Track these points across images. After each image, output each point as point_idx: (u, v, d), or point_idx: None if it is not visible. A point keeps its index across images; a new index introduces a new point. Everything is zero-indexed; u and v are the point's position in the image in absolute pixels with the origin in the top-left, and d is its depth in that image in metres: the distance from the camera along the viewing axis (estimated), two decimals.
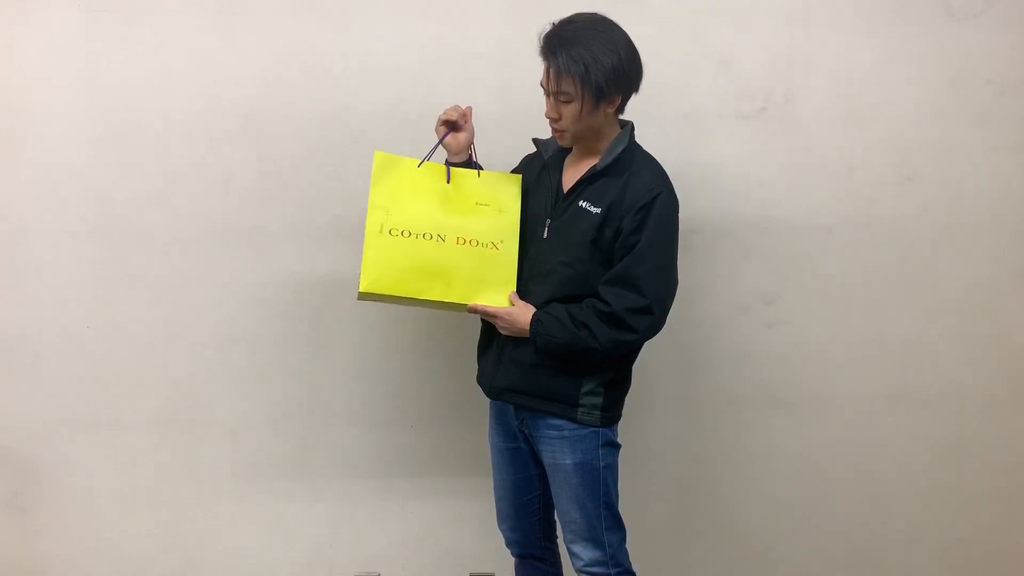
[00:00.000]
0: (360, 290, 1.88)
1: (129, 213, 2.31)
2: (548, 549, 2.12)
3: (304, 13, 2.29)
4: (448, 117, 2.00)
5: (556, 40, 1.80)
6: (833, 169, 2.37)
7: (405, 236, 1.90)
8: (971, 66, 2.36)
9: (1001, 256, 2.41)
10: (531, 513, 2.07)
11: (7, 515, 2.39)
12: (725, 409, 2.44)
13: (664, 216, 1.85)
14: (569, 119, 1.84)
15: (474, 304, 1.89)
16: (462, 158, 2.03)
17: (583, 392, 1.88)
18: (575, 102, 1.81)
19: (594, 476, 1.90)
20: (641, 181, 1.86)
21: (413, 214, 1.92)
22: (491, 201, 1.96)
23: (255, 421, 2.39)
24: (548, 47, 1.81)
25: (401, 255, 1.89)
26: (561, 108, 1.84)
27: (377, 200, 1.93)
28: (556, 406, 1.89)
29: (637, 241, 1.82)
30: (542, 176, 1.99)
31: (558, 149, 1.99)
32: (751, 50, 2.33)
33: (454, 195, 1.96)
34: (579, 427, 1.89)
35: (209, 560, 2.43)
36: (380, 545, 2.45)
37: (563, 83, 1.80)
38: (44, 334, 2.33)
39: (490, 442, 2.09)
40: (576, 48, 1.78)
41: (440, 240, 1.91)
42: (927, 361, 2.43)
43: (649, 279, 1.82)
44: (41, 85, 2.28)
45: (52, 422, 2.36)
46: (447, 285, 1.90)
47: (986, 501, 2.48)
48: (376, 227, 1.90)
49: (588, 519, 1.91)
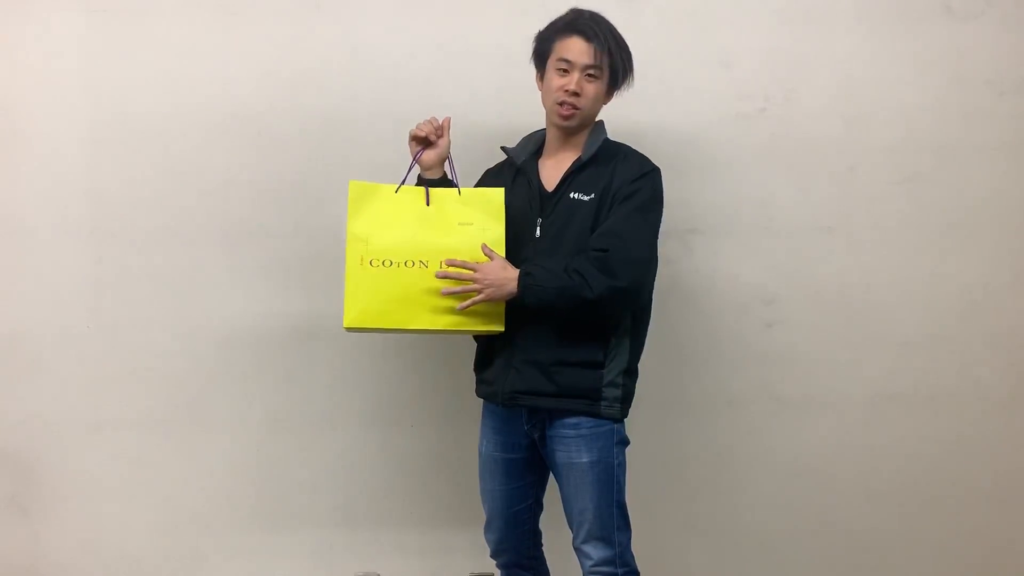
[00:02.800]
0: (344, 325, 1.87)
1: (129, 213, 2.31)
2: (535, 558, 2.11)
3: (304, 13, 2.29)
4: (419, 133, 1.98)
5: (597, 18, 1.90)
6: (833, 169, 2.37)
7: (387, 266, 1.87)
8: (970, 66, 2.36)
9: (1001, 256, 2.41)
10: (521, 523, 2.05)
11: (7, 515, 2.39)
12: (725, 409, 2.43)
13: (655, 190, 1.90)
14: (591, 97, 1.89)
15: (450, 259, 1.86)
16: (436, 174, 2.00)
17: (604, 384, 1.88)
18: (599, 81, 1.88)
19: (609, 474, 1.90)
20: (632, 162, 1.91)
21: (393, 242, 1.89)
22: (473, 219, 1.91)
23: (255, 421, 2.39)
24: (591, 22, 1.89)
25: (384, 286, 1.86)
26: (585, 84, 1.87)
27: (356, 231, 1.89)
28: (578, 403, 1.88)
29: (628, 205, 1.85)
30: (519, 180, 1.98)
31: (530, 153, 2.00)
32: (751, 50, 2.33)
33: (435, 217, 1.91)
34: (597, 425, 1.88)
35: (208, 560, 2.43)
36: (380, 545, 2.44)
37: (602, 57, 1.86)
38: (44, 334, 2.33)
39: (481, 452, 2.05)
40: (614, 32, 1.89)
41: (423, 266, 1.88)
42: (927, 361, 2.43)
43: (636, 235, 1.85)
44: (41, 85, 2.28)
45: (52, 422, 2.36)
46: (434, 313, 1.87)
47: (986, 501, 2.48)
48: (356, 259, 1.87)
49: (601, 518, 1.90)
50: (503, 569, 2.10)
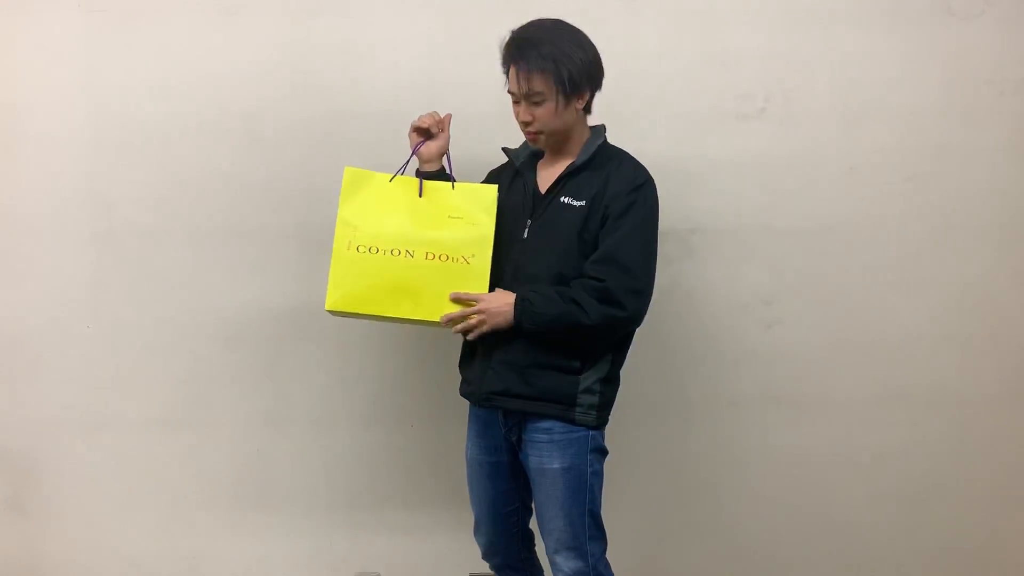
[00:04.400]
0: (326, 307, 1.89)
1: (129, 213, 2.32)
2: (527, 560, 2.11)
3: (303, 13, 2.29)
4: (421, 124, 1.99)
5: (521, 43, 1.83)
6: (833, 169, 2.37)
7: (372, 252, 1.90)
8: (970, 66, 2.36)
9: (1001, 256, 2.41)
10: (510, 525, 2.04)
11: (7, 515, 2.39)
12: (725, 409, 2.43)
13: (649, 204, 1.87)
14: (544, 119, 1.85)
15: (456, 294, 1.86)
16: (435, 167, 2.01)
17: (580, 390, 1.86)
18: (548, 101, 1.83)
19: (581, 481, 1.87)
20: (625, 171, 1.88)
21: (382, 230, 1.91)
22: (464, 214, 1.92)
23: (255, 421, 2.39)
24: (515, 50, 1.83)
25: (368, 272, 1.89)
26: (534, 110, 1.85)
27: (346, 216, 1.92)
28: (552, 407, 1.86)
29: (625, 224, 1.83)
30: (516, 182, 1.98)
31: (529, 155, 2.00)
32: (751, 50, 2.33)
33: (426, 208, 1.93)
34: (570, 431, 1.87)
35: (209, 560, 2.43)
36: (380, 545, 2.45)
37: (534, 82, 1.81)
38: (44, 334, 2.34)
39: (468, 456, 2.05)
40: (543, 46, 1.81)
41: (408, 256, 1.90)
42: (927, 361, 2.43)
43: (639, 262, 1.84)
44: (41, 85, 2.28)
45: (52, 422, 2.36)
46: (415, 302, 1.89)
47: (986, 501, 2.48)
48: (344, 244, 1.90)
49: (572, 527, 1.88)
50: (496, 571, 2.11)
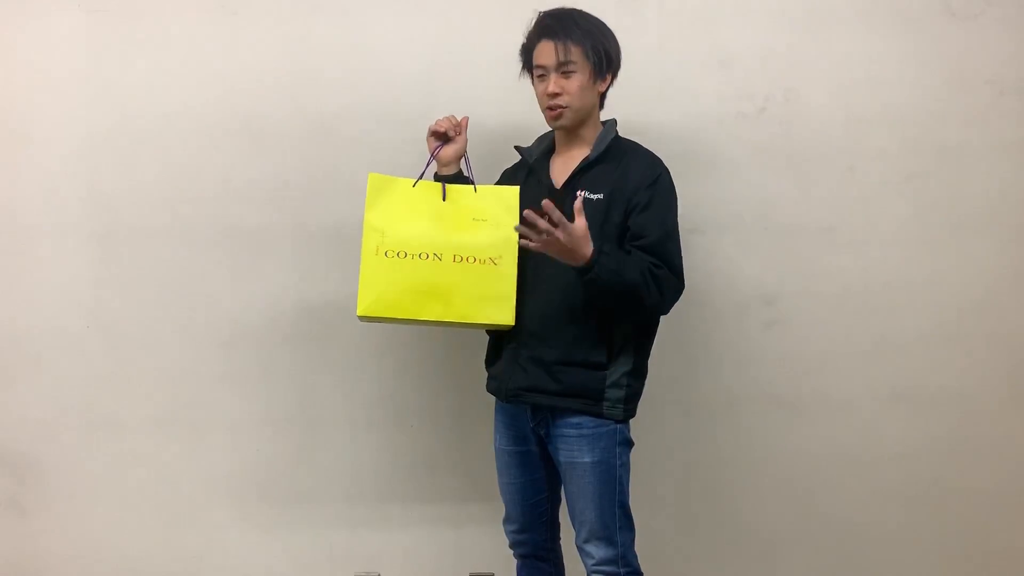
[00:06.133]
0: (358, 313, 1.91)
1: (129, 213, 2.31)
2: (552, 550, 2.12)
3: (304, 13, 2.29)
4: (438, 128, 2.01)
5: (561, 15, 1.91)
6: (833, 169, 2.37)
7: (401, 257, 1.92)
8: (970, 66, 2.36)
9: (1001, 256, 2.41)
10: (539, 515, 2.07)
11: (7, 515, 2.39)
12: (725, 409, 2.43)
13: (672, 193, 1.92)
14: (574, 92, 1.88)
15: (548, 204, 1.69)
16: (452, 170, 2.03)
17: (608, 384, 1.89)
18: (579, 74, 1.88)
19: (611, 475, 1.90)
20: (643, 162, 1.92)
21: (409, 234, 1.93)
22: (488, 216, 1.95)
23: (255, 421, 2.38)
24: (553, 22, 1.90)
25: (398, 276, 1.91)
26: (564, 82, 1.88)
27: (373, 221, 1.94)
28: (580, 402, 1.88)
29: (654, 215, 1.86)
30: (530, 180, 2.00)
31: (541, 152, 2.01)
32: (751, 50, 2.33)
33: (450, 212, 1.96)
34: (599, 424, 1.89)
35: (209, 560, 2.43)
36: (380, 545, 2.44)
37: (572, 52, 1.86)
38: (44, 334, 2.33)
39: (496, 446, 2.08)
40: (582, 21, 1.91)
41: (437, 259, 1.92)
42: (927, 361, 2.43)
43: (675, 255, 1.88)
44: (41, 85, 2.28)
45: (52, 422, 2.36)
46: (446, 304, 1.91)
47: (986, 501, 2.48)
48: (372, 249, 1.92)
49: (603, 518, 1.91)
50: (520, 560, 2.12)
